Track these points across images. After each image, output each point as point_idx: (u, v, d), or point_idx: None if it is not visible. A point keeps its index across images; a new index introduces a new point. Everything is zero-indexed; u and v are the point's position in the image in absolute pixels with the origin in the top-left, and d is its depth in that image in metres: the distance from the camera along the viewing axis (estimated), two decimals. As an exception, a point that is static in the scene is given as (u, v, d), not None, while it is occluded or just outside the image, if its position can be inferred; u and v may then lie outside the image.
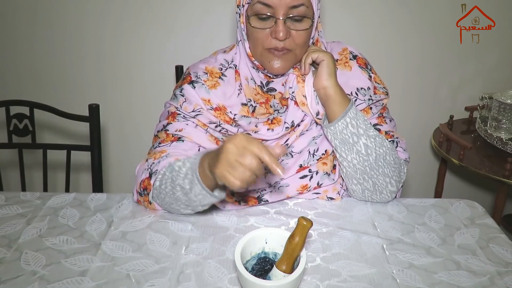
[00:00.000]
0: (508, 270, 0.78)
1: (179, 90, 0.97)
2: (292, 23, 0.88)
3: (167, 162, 0.88)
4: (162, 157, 0.90)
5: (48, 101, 1.29)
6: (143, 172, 0.91)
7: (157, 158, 0.90)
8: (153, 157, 0.92)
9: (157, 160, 0.90)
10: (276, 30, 0.87)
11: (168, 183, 0.84)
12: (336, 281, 0.74)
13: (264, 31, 0.89)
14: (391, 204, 0.97)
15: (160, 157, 0.90)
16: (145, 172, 0.91)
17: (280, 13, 0.86)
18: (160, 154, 0.91)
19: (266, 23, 0.88)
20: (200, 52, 1.18)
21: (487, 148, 1.65)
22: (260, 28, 0.89)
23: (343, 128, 0.89)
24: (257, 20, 0.89)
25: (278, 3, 0.85)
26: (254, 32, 0.89)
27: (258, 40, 0.90)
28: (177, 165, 0.83)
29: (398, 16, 1.73)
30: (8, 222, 0.89)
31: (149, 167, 0.90)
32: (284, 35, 0.87)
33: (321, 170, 0.96)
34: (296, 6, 0.86)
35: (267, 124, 0.95)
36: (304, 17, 0.88)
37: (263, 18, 0.88)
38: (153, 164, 0.90)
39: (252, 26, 0.89)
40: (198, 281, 0.74)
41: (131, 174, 0.98)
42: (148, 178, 0.89)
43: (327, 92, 0.89)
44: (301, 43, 0.90)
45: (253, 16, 0.88)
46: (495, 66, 1.85)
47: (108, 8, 1.70)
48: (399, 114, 1.48)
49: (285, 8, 0.85)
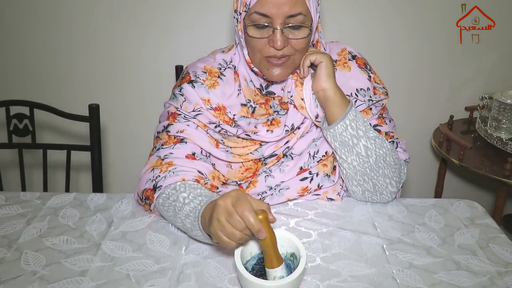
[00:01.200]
0: (508, 270, 0.78)
1: (178, 89, 0.97)
2: (290, 31, 0.86)
3: (173, 180, 0.86)
4: (169, 171, 0.88)
5: (48, 101, 1.29)
6: (147, 182, 0.90)
7: (163, 171, 0.89)
8: (159, 168, 0.89)
9: (164, 174, 0.88)
10: (274, 40, 0.85)
11: (171, 210, 0.84)
12: (336, 281, 0.74)
13: (261, 40, 0.87)
14: (391, 204, 0.97)
15: (167, 171, 0.88)
16: (149, 182, 0.89)
17: (278, 23, 0.84)
18: (167, 167, 0.89)
19: (264, 32, 0.86)
20: (200, 52, 1.18)
21: (487, 148, 1.65)
22: (257, 38, 0.87)
23: (343, 130, 0.89)
24: (254, 30, 0.87)
25: (275, 13, 0.83)
26: (252, 41, 0.88)
27: (256, 48, 0.88)
28: (182, 196, 0.82)
29: (398, 16, 1.73)
30: (8, 222, 0.89)
31: (155, 179, 0.89)
32: (282, 44, 0.85)
33: (321, 172, 0.96)
34: (294, 15, 0.84)
35: (267, 125, 0.95)
36: (302, 26, 0.86)
37: (261, 28, 0.86)
38: (159, 177, 0.88)
39: (250, 35, 0.88)
40: (198, 281, 0.74)
41: (131, 174, 0.99)
42: (152, 190, 0.88)
43: (326, 94, 0.89)
44: (299, 49, 0.88)
45: (250, 26, 0.87)
46: (495, 66, 1.84)
47: (108, 8, 1.70)
48: (399, 114, 1.48)
49: (282, 17, 0.84)
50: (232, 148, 0.96)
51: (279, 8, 0.83)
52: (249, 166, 0.97)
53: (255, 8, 0.84)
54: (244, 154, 0.95)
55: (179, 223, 0.83)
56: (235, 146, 0.95)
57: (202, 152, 0.94)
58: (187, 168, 0.90)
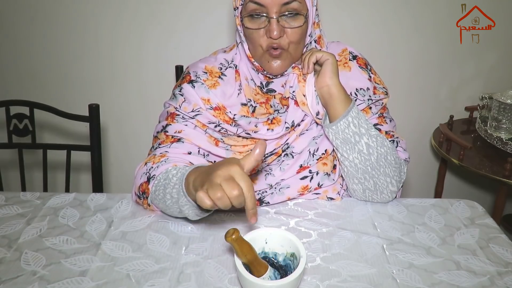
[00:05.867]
0: (508, 270, 0.77)
1: (178, 89, 0.97)
2: (286, 20, 0.88)
3: (165, 168, 0.87)
4: (161, 161, 0.90)
5: (48, 101, 1.29)
6: (142, 176, 0.91)
7: (156, 163, 0.90)
8: (152, 161, 0.91)
9: (156, 165, 0.89)
10: (270, 29, 0.87)
11: (161, 190, 0.84)
12: (336, 281, 0.74)
13: (259, 31, 0.89)
14: (391, 204, 0.97)
15: (159, 162, 0.90)
16: (144, 176, 0.90)
17: (273, 12, 0.86)
18: (159, 158, 0.91)
19: (260, 23, 0.88)
20: (200, 52, 1.18)
21: (487, 148, 1.65)
22: (254, 29, 0.89)
23: (345, 127, 0.89)
24: (250, 21, 0.89)
25: (270, 1, 0.85)
26: (250, 34, 0.90)
27: (255, 41, 0.90)
28: (171, 173, 0.83)
29: (398, 16, 1.73)
30: (8, 222, 0.89)
31: (148, 171, 0.90)
32: (278, 33, 0.87)
33: (321, 171, 0.96)
34: (288, 2, 0.85)
35: (267, 124, 0.95)
36: (297, 13, 0.87)
37: (257, 18, 0.88)
38: (152, 168, 0.89)
39: (246, 27, 0.89)
40: (198, 281, 0.74)
41: (131, 174, 0.98)
42: (147, 182, 0.89)
43: (331, 90, 0.89)
44: (295, 40, 0.90)
45: (247, 17, 0.89)
46: (495, 66, 1.85)
47: (109, 8, 1.70)
48: (399, 114, 1.48)
49: (277, 5, 0.85)
50: (232, 146, 0.96)
51: None
52: (249, 165, 0.97)
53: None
54: (244, 151, 0.95)
55: (168, 199, 0.81)
56: (235, 144, 0.95)
57: (199, 152, 0.94)
58: (180, 159, 0.90)
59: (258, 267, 0.68)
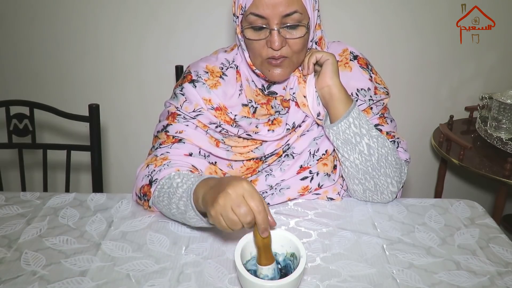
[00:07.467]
0: (508, 270, 0.78)
1: (180, 89, 0.97)
2: (287, 31, 0.86)
3: (167, 172, 0.87)
4: (164, 165, 0.89)
5: (48, 101, 1.29)
6: (143, 178, 0.90)
7: (158, 166, 0.89)
8: (154, 164, 0.90)
9: (158, 168, 0.89)
10: (271, 41, 0.85)
11: (165, 198, 0.84)
12: (336, 281, 0.74)
13: (259, 42, 0.87)
14: (391, 204, 0.97)
15: (162, 165, 0.89)
16: (145, 178, 0.90)
17: (274, 23, 0.84)
18: (161, 161, 0.90)
19: (261, 34, 0.87)
20: (200, 52, 1.18)
21: (487, 148, 1.65)
22: (255, 40, 0.87)
23: (346, 128, 0.89)
24: (252, 32, 0.88)
25: (270, 13, 0.83)
26: (251, 44, 0.89)
27: (256, 51, 0.89)
28: (175, 181, 0.82)
29: (398, 16, 1.73)
30: (8, 222, 0.89)
31: (150, 174, 0.89)
32: (280, 45, 0.85)
33: (321, 171, 0.96)
34: (290, 14, 0.84)
35: (268, 125, 0.95)
36: (298, 24, 0.86)
37: (258, 29, 0.87)
38: (154, 171, 0.89)
39: (247, 38, 0.88)
40: (198, 281, 0.74)
41: (131, 174, 0.98)
42: (148, 185, 0.89)
43: (332, 90, 0.89)
44: (297, 50, 0.89)
45: (248, 29, 0.87)
46: (495, 66, 1.85)
47: (109, 8, 1.70)
48: (399, 114, 1.48)
49: (278, 17, 0.84)
50: (233, 147, 0.96)
51: (274, 9, 0.83)
52: (250, 165, 0.97)
53: (250, 10, 0.85)
54: (245, 152, 0.95)
55: (174, 208, 0.82)
56: (236, 145, 0.95)
57: (200, 152, 0.94)
58: (182, 162, 0.90)
59: (267, 255, 0.68)
